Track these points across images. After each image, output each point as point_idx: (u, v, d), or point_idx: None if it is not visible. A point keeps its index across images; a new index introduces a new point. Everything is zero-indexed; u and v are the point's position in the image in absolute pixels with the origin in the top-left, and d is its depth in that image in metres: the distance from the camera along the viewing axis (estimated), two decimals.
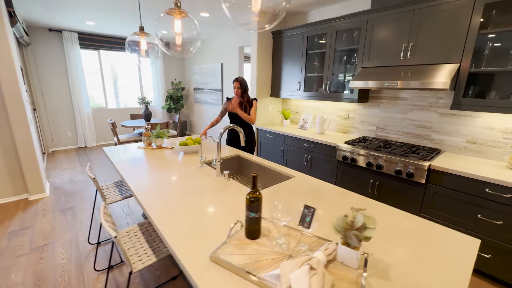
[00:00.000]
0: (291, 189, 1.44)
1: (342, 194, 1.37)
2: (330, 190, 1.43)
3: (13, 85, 2.60)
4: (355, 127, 3.03)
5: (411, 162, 2.01)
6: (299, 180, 1.58)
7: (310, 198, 1.32)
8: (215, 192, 1.38)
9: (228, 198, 1.30)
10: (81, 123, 5.17)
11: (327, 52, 2.86)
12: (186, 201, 1.26)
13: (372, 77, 2.32)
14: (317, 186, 1.49)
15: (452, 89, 1.99)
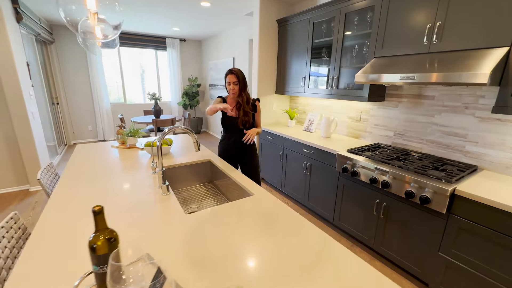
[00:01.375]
0: (240, 211, 1.10)
1: (298, 226, 0.99)
2: (285, 218, 1.06)
3: (13, 80, 2.67)
4: (368, 131, 2.49)
5: (427, 183, 1.49)
6: (256, 200, 1.22)
7: (249, 229, 0.97)
8: (138, 210, 1.10)
9: (144, 220, 1.02)
10: (101, 118, 5.39)
11: (335, 40, 2.38)
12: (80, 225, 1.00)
13: (383, 69, 1.82)
14: (272, 210, 1.12)
15: (495, 84, 1.41)
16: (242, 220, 1.04)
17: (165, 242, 0.89)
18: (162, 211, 1.10)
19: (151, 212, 1.09)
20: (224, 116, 1.96)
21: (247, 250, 0.85)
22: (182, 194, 1.74)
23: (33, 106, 3.06)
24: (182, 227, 0.98)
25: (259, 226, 1.00)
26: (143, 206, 1.14)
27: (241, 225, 1.00)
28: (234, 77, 1.82)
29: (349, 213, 2.11)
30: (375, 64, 1.93)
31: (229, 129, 1.98)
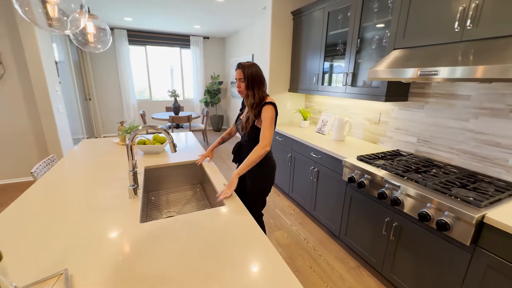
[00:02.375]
0: (199, 225, 0.96)
1: (254, 254, 0.82)
2: (244, 240, 0.89)
3: (40, 77, 2.89)
4: (388, 135, 2.16)
5: (447, 205, 1.19)
6: (225, 213, 1.07)
7: (197, 249, 0.83)
8: (94, 214, 1.03)
9: (93, 225, 0.94)
10: (127, 113, 5.69)
11: (350, 31, 2.09)
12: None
13: (401, 63, 1.52)
14: (236, 229, 0.96)
15: None
16: (194, 237, 0.90)
17: (96, 257, 0.79)
18: (119, 216, 1.02)
19: (106, 217, 1.01)
20: (238, 116, 1.67)
21: (185, 277, 0.71)
22: (168, 195, 1.66)
23: (59, 102, 3.29)
24: (128, 239, 0.88)
25: (207, 249, 0.85)
26: (102, 209, 1.07)
27: (191, 243, 0.86)
28: (240, 72, 1.43)
29: (357, 228, 1.84)
30: (393, 57, 1.63)
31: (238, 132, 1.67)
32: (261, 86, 1.46)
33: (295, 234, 2.23)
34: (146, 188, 1.63)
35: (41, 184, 1.31)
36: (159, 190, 1.70)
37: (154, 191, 1.68)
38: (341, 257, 1.95)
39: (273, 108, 1.45)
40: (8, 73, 2.85)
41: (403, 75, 1.45)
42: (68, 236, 0.89)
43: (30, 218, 1.00)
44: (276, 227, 2.33)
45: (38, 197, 1.17)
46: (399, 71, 1.47)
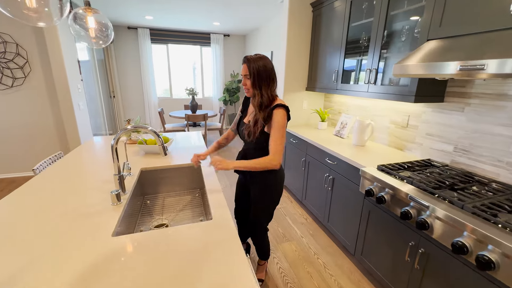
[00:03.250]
0: (177, 243, 0.83)
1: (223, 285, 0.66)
2: (219, 266, 0.73)
3: (61, 75, 2.99)
4: (417, 142, 1.86)
5: (492, 237, 0.92)
6: (209, 228, 0.93)
7: (163, 277, 0.69)
8: (67, 222, 0.95)
9: (61, 235, 0.84)
10: (149, 110, 5.83)
11: (375, 20, 1.83)
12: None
13: (435, 56, 1.25)
14: (214, 252, 0.81)
15: None
16: (166, 258, 0.76)
17: (51, 274, 0.69)
18: (92, 227, 0.92)
19: (79, 226, 0.92)
20: (240, 119, 1.45)
21: None
22: (164, 200, 1.56)
23: (81, 99, 3.40)
24: (93, 255, 0.77)
25: (176, 273, 0.70)
26: (78, 217, 0.98)
27: (161, 266, 0.73)
28: (245, 67, 1.22)
29: (375, 249, 1.60)
30: (426, 49, 1.36)
31: (242, 139, 1.43)
32: (270, 84, 1.24)
33: (305, 247, 2.03)
34: (142, 191, 1.55)
35: (27, 186, 1.28)
36: (156, 194, 1.61)
37: (151, 194, 1.59)
38: (355, 279, 1.72)
39: (285, 112, 1.24)
40: (33, 71, 2.99)
41: (438, 71, 1.19)
42: (28, 249, 0.80)
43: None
44: (285, 238, 2.14)
45: (17, 201, 1.13)
46: (433, 66, 1.21)
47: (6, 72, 2.88)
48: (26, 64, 2.93)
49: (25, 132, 3.17)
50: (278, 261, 1.87)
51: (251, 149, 1.37)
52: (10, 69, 2.88)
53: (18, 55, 2.87)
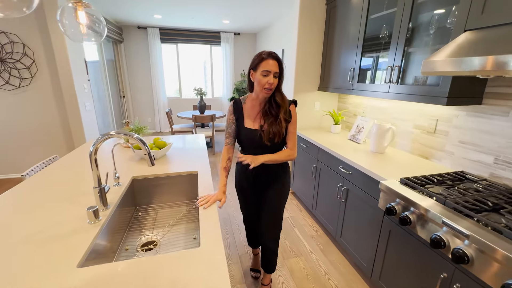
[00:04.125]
0: (154, 281, 0.67)
1: None
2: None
3: (67, 75, 2.94)
4: (447, 150, 1.61)
5: None
6: (195, 258, 0.76)
7: None
8: (24, 248, 0.81)
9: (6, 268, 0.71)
10: (158, 111, 5.79)
11: (399, 10, 1.60)
12: None
13: (475, 49, 1.02)
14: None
15: None
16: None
17: None
18: (56, 253, 0.77)
19: (41, 253, 0.78)
20: (241, 127, 1.30)
21: None
22: (158, 211, 1.42)
23: (87, 99, 3.36)
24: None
25: None
26: (43, 240, 0.84)
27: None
28: (276, 65, 1.15)
29: (397, 275, 1.37)
30: (461, 41, 1.13)
31: (249, 147, 1.31)
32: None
33: (314, 264, 1.83)
34: (134, 201, 1.42)
35: (4, 197, 1.16)
36: (150, 204, 1.47)
37: (144, 205, 1.45)
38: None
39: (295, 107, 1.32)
40: (40, 71, 2.96)
41: (466, 67, 0.96)
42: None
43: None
44: (293, 252, 1.95)
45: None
46: (462, 62, 0.98)
47: (14, 73, 2.87)
48: (32, 64, 2.91)
49: (32, 133, 3.16)
50: (284, 280, 1.68)
51: (270, 152, 1.28)
52: (17, 69, 2.87)
53: (25, 55, 2.86)
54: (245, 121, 1.29)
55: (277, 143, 1.26)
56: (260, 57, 1.15)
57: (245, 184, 1.43)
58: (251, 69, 1.20)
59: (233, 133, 1.33)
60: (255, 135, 1.26)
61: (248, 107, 1.29)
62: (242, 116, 1.29)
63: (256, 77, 1.18)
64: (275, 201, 1.39)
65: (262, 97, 1.23)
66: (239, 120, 1.30)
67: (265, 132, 1.23)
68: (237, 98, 1.33)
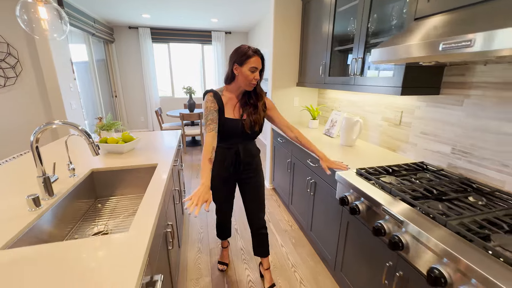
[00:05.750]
0: (76, 261, 0.68)
1: None
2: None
3: (51, 74, 2.99)
4: (411, 142, 1.60)
5: (475, 270, 0.69)
6: (120, 243, 0.77)
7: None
8: None
9: None
10: (151, 110, 5.84)
11: (360, 2, 1.59)
12: None
13: (417, 36, 1.02)
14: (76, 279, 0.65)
15: None
16: (51, 278, 0.62)
17: None
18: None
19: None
20: (221, 119, 1.30)
21: None
22: (117, 203, 1.44)
23: (73, 98, 3.40)
24: None
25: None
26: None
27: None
28: (259, 62, 1.23)
29: (354, 266, 1.37)
30: (411, 30, 1.12)
31: (230, 136, 1.35)
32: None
33: (283, 257, 1.83)
34: (94, 194, 1.44)
35: None
36: (111, 196, 1.49)
37: (104, 197, 1.47)
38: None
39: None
40: (25, 70, 3.01)
41: (417, 53, 0.96)
42: None
43: None
44: None
45: None
46: (408, 48, 0.98)
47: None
48: (17, 63, 2.95)
49: (18, 130, 3.21)
50: (250, 272, 1.69)
51: (249, 140, 1.41)
52: (2, 68, 2.92)
53: (9, 55, 2.90)
54: (225, 112, 1.31)
55: (257, 131, 1.37)
56: (247, 53, 1.21)
57: (225, 174, 1.42)
58: (235, 63, 1.23)
59: (216, 120, 1.28)
60: (237, 124, 1.32)
61: (226, 99, 1.33)
62: (222, 107, 1.31)
63: (242, 72, 1.23)
64: (260, 187, 1.50)
65: (243, 89, 1.31)
66: (220, 110, 1.30)
67: (246, 121, 1.32)
68: (215, 90, 1.33)
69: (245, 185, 1.50)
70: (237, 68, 1.24)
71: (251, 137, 1.39)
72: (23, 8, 1.38)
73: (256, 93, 1.35)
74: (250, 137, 1.39)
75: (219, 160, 1.39)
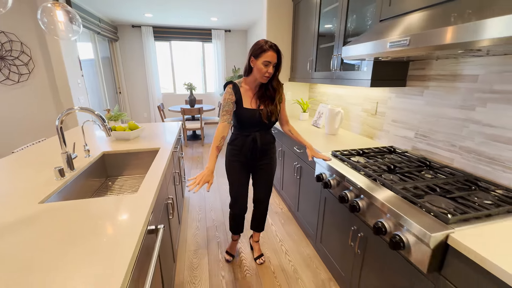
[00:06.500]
0: (97, 213, 0.90)
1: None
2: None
3: (61, 70, 3.21)
4: (385, 129, 1.80)
5: (404, 218, 0.90)
6: (130, 201, 0.99)
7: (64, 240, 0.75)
8: (10, 184, 1.05)
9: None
10: (153, 106, 6.06)
11: (339, 4, 1.79)
12: None
13: (377, 35, 1.21)
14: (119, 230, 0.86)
15: None
16: (66, 225, 0.83)
17: None
18: (25, 193, 1.01)
19: (14, 191, 1.02)
20: (240, 109, 1.40)
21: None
22: (125, 182, 1.66)
23: (81, 93, 3.63)
24: (11, 216, 0.86)
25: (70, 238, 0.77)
26: (21, 185, 1.08)
27: (64, 231, 0.80)
28: (275, 56, 1.30)
29: (330, 236, 1.58)
30: (373, 30, 1.32)
31: (248, 125, 1.45)
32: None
33: (272, 234, 2.05)
34: (106, 173, 1.66)
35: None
36: (120, 176, 1.71)
37: (114, 176, 1.70)
38: (313, 266, 1.71)
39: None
40: (37, 67, 3.23)
41: (369, 51, 1.16)
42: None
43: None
44: None
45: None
46: (364, 46, 1.18)
47: (13, 69, 3.15)
48: (30, 61, 3.18)
49: (31, 123, 3.44)
50: (241, 245, 1.90)
51: (265, 129, 1.50)
52: (16, 65, 3.15)
53: (22, 53, 3.13)
54: (243, 102, 1.41)
55: (273, 121, 1.46)
56: (262, 47, 1.28)
57: (243, 159, 1.52)
58: (252, 56, 1.32)
59: (231, 112, 1.40)
60: (254, 114, 1.41)
61: (244, 90, 1.42)
62: (240, 98, 1.40)
63: (256, 65, 1.31)
64: (272, 173, 1.62)
65: (259, 82, 1.39)
66: (238, 101, 1.40)
67: (263, 111, 1.41)
68: (234, 82, 1.42)
69: (260, 170, 1.58)
70: (253, 61, 1.33)
71: (268, 126, 1.47)
72: (44, 12, 1.59)
73: (273, 86, 1.41)
74: (267, 126, 1.47)
75: (238, 146, 1.50)
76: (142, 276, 0.80)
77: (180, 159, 2.39)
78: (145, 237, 0.85)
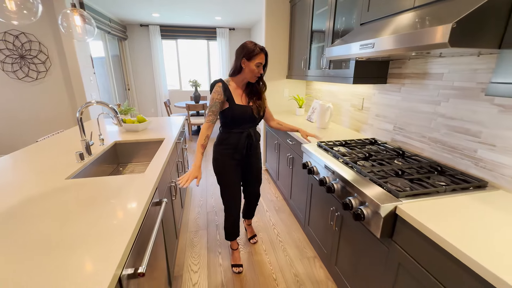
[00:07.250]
0: (117, 188, 1.11)
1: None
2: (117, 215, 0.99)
3: (75, 68, 3.46)
4: (369, 123, 1.96)
5: (365, 194, 1.07)
6: (138, 180, 1.19)
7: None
8: (37, 169, 1.27)
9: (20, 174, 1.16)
10: (160, 102, 6.31)
11: (328, 7, 1.94)
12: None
13: (352, 38, 1.37)
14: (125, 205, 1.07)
15: (492, 47, 0.84)
16: (86, 198, 1.04)
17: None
18: (53, 171, 1.23)
19: (43, 169, 1.23)
20: (233, 105, 1.44)
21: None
22: (135, 167, 1.87)
23: (93, 89, 3.88)
24: (43, 186, 1.07)
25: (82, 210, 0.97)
26: (45, 167, 1.30)
27: (82, 206, 1.01)
28: (264, 58, 1.40)
29: (315, 218, 1.76)
30: (353, 33, 1.48)
31: (241, 121, 1.49)
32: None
33: (265, 219, 2.24)
34: (117, 160, 1.88)
35: (26, 149, 1.65)
36: (130, 162, 1.92)
37: (124, 163, 1.91)
38: (301, 246, 1.90)
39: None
40: (53, 65, 3.49)
41: (346, 52, 1.32)
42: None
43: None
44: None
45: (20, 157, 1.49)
46: (342, 48, 1.34)
47: (32, 67, 3.41)
48: (47, 59, 3.44)
49: (47, 117, 3.72)
50: None
51: (255, 125, 1.58)
52: (34, 64, 3.41)
53: (40, 52, 3.39)
54: (235, 100, 1.46)
55: (262, 115, 1.56)
56: (255, 50, 1.36)
57: (238, 156, 1.55)
58: (244, 57, 1.38)
59: (217, 112, 1.44)
60: (246, 110, 1.48)
61: (233, 88, 1.47)
62: (231, 95, 1.45)
63: (249, 66, 1.38)
64: (260, 167, 1.74)
65: (246, 81, 1.48)
66: (230, 99, 1.44)
67: (253, 107, 1.50)
68: (223, 80, 1.46)
69: (251, 166, 1.66)
70: (245, 62, 1.38)
71: (257, 122, 1.57)
72: (64, 17, 1.81)
73: (259, 84, 1.52)
74: (257, 122, 1.56)
75: (232, 144, 1.52)
76: (148, 234, 1.00)
77: (184, 151, 2.59)
78: (151, 205, 1.05)
